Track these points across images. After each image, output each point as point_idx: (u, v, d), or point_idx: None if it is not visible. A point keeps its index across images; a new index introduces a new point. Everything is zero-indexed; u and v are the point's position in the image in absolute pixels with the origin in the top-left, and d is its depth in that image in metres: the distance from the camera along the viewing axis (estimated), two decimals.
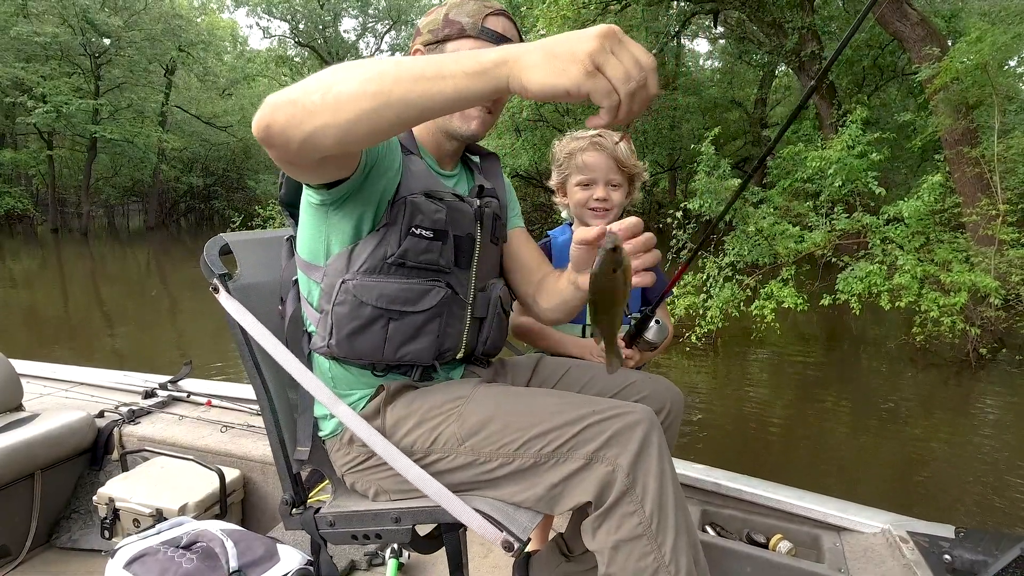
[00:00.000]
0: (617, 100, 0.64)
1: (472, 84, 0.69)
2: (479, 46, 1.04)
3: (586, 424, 0.91)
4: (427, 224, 1.02)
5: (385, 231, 1.01)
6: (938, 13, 10.92)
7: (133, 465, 2.02)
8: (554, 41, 0.66)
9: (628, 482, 0.87)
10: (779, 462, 3.83)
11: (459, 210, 1.09)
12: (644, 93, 0.65)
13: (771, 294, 5.75)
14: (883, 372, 5.80)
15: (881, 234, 5.69)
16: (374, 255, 1.01)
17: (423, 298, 1.04)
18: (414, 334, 1.04)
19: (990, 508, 3.19)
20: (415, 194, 1.03)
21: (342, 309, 1.01)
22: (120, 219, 33.97)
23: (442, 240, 1.05)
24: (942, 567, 1.37)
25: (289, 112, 0.75)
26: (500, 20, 1.08)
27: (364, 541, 1.09)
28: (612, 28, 0.64)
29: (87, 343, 6.61)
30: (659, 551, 0.86)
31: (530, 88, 0.66)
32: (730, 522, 1.65)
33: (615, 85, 0.63)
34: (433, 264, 1.05)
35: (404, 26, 30.92)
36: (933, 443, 4.10)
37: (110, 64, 21.68)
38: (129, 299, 9.78)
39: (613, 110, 0.65)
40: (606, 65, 0.63)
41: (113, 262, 15.79)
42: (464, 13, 1.07)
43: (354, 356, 1.04)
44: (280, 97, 0.76)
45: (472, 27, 1.05)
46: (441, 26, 1.08)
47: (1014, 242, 5.52)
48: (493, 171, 1.28)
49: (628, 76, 0.63)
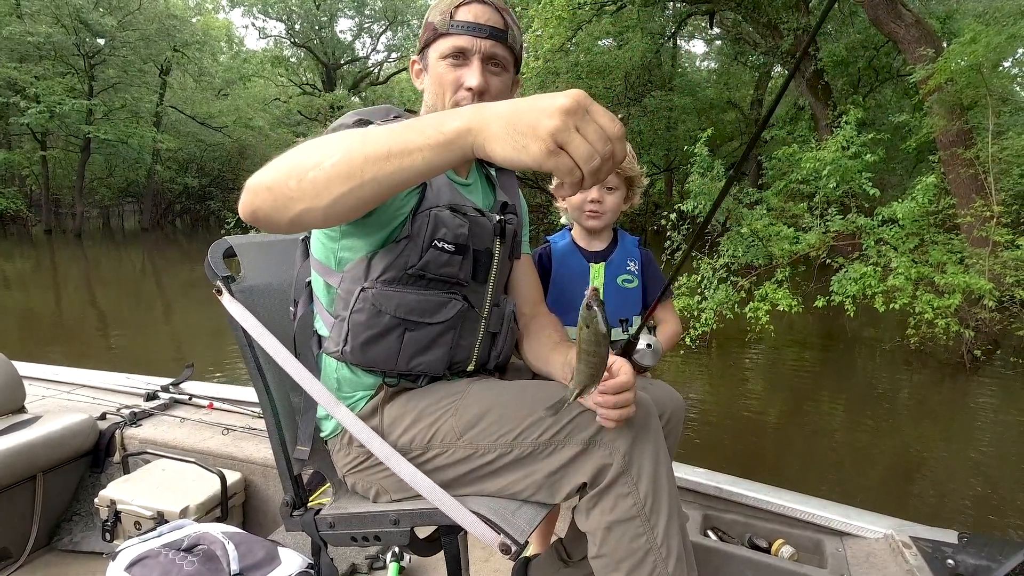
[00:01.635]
0: (580, 176, 0.63)
1: (440, 156, 0.68)
2: (452, 42, 1.04)
3: (582, 410, 0.92)
4: (449, 238, 1.02)
5: (407, 242, 1.01)
6: (933, 14, 10.98)
7: (135, 467, 2.02)
8: (517, 111, 0.63)
9: (624, 464, 0.89)
10: (773, 464, 3.85)
11: (480, 225, 1.08)
12: (610, 164, 0.63)
13: (765, 296, 5.78)
14: (878, 374, 5.82)
15: (876, 235, 5.72)
16: (395, 265, 1.01)
17: (440, 310, 1.04)
18: (428, 345, 1.05)
19: (983, 510, 3.20)
20: (440, 207, 1.02)
21: (360, 317, 1.02)
22: (115, 220, 33.80)
23: (463, 254, 1.04)
24: (945, 572, 1.37)
25: (269, 200, 0.76)
26: (472, 8, 1.04)
27: (364, 543, 1.10)
28: (578, 100, 0.61)
29: (81, 346, 6.58)
30: (651, 533, 0.88)
31: (495, 158, 0.65)
32: (732, 527, 1.65)
33: (578, 163, 0.61)
34: (452, 277, 1.05)
35: (400, 27, 30.87)
36: (928, 445, 4.12)
37: (104, 64, 21.56)
38: (124, 301, 9.74)
39: (576, 185, 0.64)
40: (569, 144, 0.61)
41: (108, 263, 15.71)
42: (436, 12, 1.06)
43: (367, 364, 1.04)
44: (258, 183, 0.77)
45: (442, 24, 1.04)
46: (423, 32, 1.09)
47: (1008, 243, 5.55)
48: (511, 187, 1.26)
49: (591, 155, 0.61)
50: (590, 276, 1.53)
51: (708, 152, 6.10)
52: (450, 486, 1.00)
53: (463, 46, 1.04)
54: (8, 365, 2.08)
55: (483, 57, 1.05)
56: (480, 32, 1.03)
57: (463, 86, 1.05)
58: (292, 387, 1.17)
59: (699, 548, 1.52)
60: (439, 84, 1.06)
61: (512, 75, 1.12)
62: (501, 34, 1.06)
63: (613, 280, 1.54)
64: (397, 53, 31.95)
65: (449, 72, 1.05)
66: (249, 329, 1.06)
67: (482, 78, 1.04)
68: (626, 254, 1.57)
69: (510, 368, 1.30)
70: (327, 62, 30.06)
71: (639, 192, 1.55)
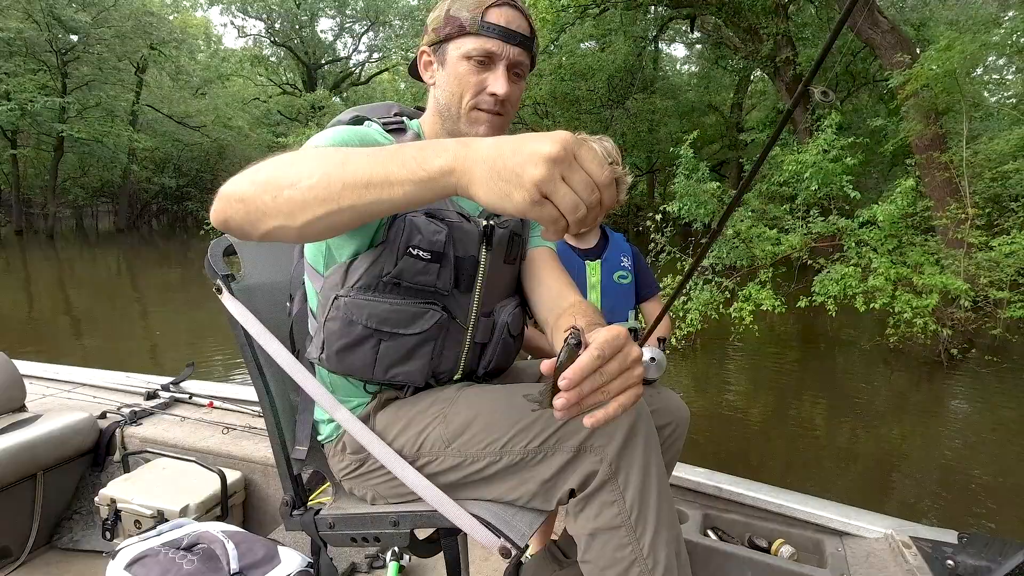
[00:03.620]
0: (564, 225, 0.60)
1: (420, 192, 0.66)
2: (481, 44, 0.99)
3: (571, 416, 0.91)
4: (424, 245, 0.97)
5: (382, 249, 0.98)
6: (907, 21, 11.24)
7: (135, 466, 2.01)
8: (501, 155, 0.60)
9: (610, 471, 0.86)
10: (757, 462, 3.90)
11: (463, 231, 1.02)
12: (596, 212, 0.61)
13: (749, 296, 5.86)
14: (858, 372, 5.94)
15: (856, 237, 5.84)
16: (370, 272, 0.98)
17: (416, 321, 1.00)
18: (406, 355, 1.01)
19: (959, 502, 3.29)
20: (416, 212, 0.98)
21: (333, 325, 0.99)
22: (88, 221, 33.11)
23: (440, 262, 0.99)
24: (945, 572, 1.37)
25: (241, 212, 0.74)
26: (503, 11, 1.00)
27: (363, 544, 1.09)
28: (565, 146, 0.58)
29: (52, 348, 6.41)
30: (637, 544, 0.85)
31: (478, 201, 0.63)
32: (732, 527, 1.64)
33: (563, 212, 0.59)
34: (429, 286, 1.00)
35: (382, 27, 30.71)
36: (906, 441, 4.22)
37: (78, 61, 21.08)
38: (98, 303, 9.53)
39: (560, 232, 0.62)
40: (554, 194, 0.58)
41: (82, 265, 15.37)
42: (465, 7, 1.00)
43: (344, 371, 1.02)
44: (231, 192, 0.75)
45: (472, 23, 0.99)
46: (443, 23, 1.02)
47: (982, 245, 5.71)
48: None
49: (577, 205, 0.59)
50: (587, 274, 1.54)
51: (693, 154, 6.18)
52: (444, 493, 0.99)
53: (492, 50, 1.00)
54: (8, 364, 2.07)
55: (508, 63, 1.01)
56: (511, 39, 1.00)
57: (487, 90, 1.01)
58: (292, 386, 1.16)
59: (699, 548, 1.52)
60: (459, 83, 1.02)
61: (525, 81, 1.11)
62: (528, 42, 1.03)
63: (609, 277, 1.55)
64: (379, 53, 31.80)
65: (472, 74, 1.01)
66: (249, 328, 1.05)
67: (508, 86, 1.01)
68: (619, 251, 1.59)
69: (512, 371, 1.27)
70: (308, 62, 29.80)
71: (625, 189, 1.55)
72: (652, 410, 1.11)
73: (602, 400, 0.68)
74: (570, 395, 0.65)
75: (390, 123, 1.08)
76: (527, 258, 1.19)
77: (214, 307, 1.11)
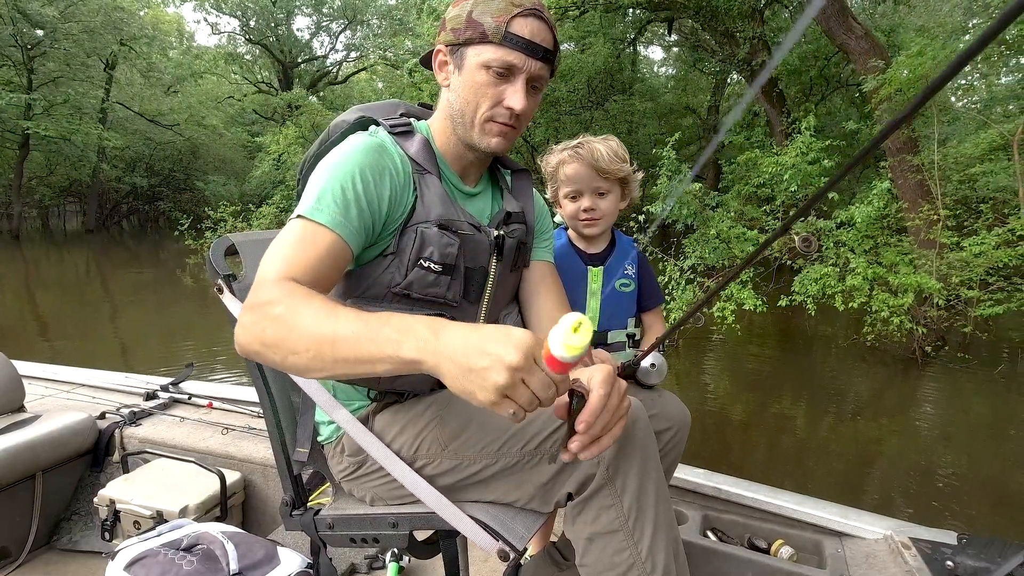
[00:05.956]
0: (523, 416, 0.67)
1: (400, 371, 0.72)
2: (502, 55, 0.95)
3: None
4: (436, 258, 0.97)
5: (393, 259, 0.97)
6: (878, 27, 11.52)
7: (134, 467, 2.00)
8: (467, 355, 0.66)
9: (608, 475, 0.86)
10: (738, 459, 3.95)
11: (475, 242, 1.02)
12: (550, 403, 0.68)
13: (731, 296, 5.94)
14: (836, 370, 6.06)
15: (834, 237, 5.97)
16: (379, 282, 0.97)
17: None
18: None
19: (932, 495, 3.38)
20: (428, 224, 0.97)
21: None
22: (55, 221, 32.19)
23: (450, 274, 0.99)
24: (945, 573, 1.37)
25: (260, 356, 0.81)
26: (529, 23, 0.95)
27: (362, 545, 1.10)
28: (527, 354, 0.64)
29: (18, 350, 6.21)
30: (635, 548, 0.86)
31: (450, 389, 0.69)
32: (731, 527, 1.64)
33: (521, 406, 0.66)
34: (439, 298, 0.99)
35: (360, 26, 30.43)
36: (884, 436, 4.32)
37: (44, 57, 20.49)
38: (66, 305, 9.27)
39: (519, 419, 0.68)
40: (514, 394, 0.65)
41: (48, 266, 14.94)
42: (488, 13, 0.95)
43: (347, 379, 1.02)
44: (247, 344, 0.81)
45: (495, 32, 0.94)
46: (464, 26, 0.97)
47: (953, 245, 5.88)
48: (524, 190, 1.18)
49: (532, 401, 0.66)
50: (588, 279, 1.51)
51: (675, 155, 6.25)
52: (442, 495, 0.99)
53: (513, 63, 0.96)
54: (8, 364, 2.06)
55: (528, 77, 0.98)
56: (534, 53, 0.96)
57: (503, 103, 0.98)
58: (292, 387, 1.16)
59: (699, 548, 1.52)
60: (475, 93, 0.99)
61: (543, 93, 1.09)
62: (551, 56, 1.00)
63: (611, 284, 1.54)
64: (356, 52, 31.49)
65: (491, 86, 0.98)
66: None
67: (525, 100, 0.98)
68: (624, 257, 1.55)
69: None
70: (283, 60, 29.36)
71: (635, 187, 1.53)
72: (653, 414, 1.13)
73: (602, 435, 0.76)
74: (584, 438, 0.74)
75: (397, 126, 1.05)
76: (528, 268, 1.18)
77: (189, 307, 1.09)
